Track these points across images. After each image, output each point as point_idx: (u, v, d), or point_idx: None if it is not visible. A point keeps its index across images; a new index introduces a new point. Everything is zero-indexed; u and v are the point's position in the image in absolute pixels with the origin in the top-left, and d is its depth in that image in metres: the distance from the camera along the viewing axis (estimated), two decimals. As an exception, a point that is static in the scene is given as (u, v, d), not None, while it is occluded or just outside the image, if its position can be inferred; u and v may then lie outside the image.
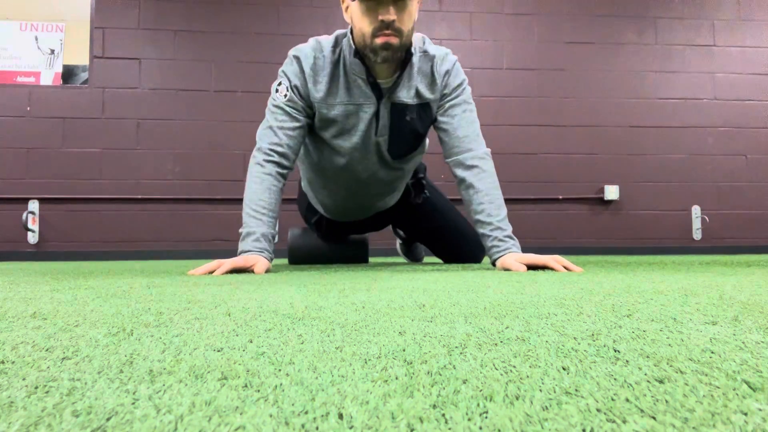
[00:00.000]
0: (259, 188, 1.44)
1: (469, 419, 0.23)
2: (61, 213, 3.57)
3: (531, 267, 1.42)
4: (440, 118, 1.58)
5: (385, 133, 1.57)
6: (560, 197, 3.85)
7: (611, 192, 3.85)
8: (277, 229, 1.47)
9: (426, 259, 2.84)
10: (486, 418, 0.23)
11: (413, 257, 2.54)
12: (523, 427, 0.22)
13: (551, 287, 0.88)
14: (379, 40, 1.38)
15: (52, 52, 3.72)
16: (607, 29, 4.01)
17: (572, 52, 3.97)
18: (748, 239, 3.96)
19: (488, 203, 1.50)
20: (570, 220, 3.88)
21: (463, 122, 1.56)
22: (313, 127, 1.57)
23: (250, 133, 3.77)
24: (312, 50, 1.49)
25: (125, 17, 3.71)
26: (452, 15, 3.93)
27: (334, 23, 3.83)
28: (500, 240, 1.47)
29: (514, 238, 1.51)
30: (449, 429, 0.22)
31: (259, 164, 1.47)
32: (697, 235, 3.93)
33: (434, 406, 0.25)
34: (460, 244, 1.98)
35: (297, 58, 1.49)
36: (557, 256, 1.44)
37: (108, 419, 0.24)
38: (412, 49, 1.49)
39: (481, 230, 1.50)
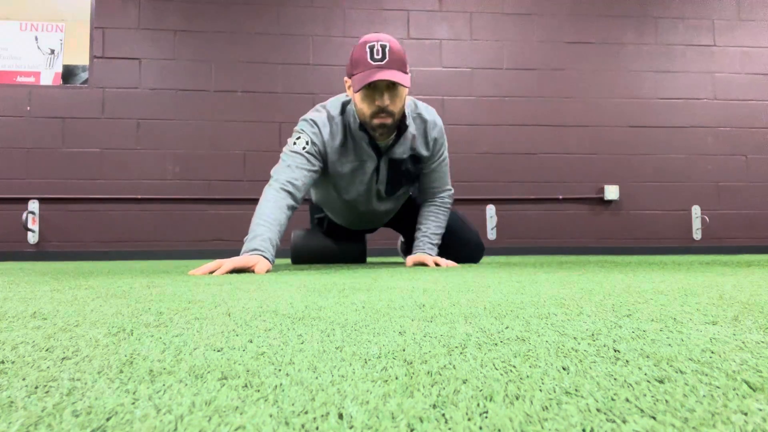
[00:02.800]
0: (271, 206, 1.57)
1: (469, 419, 0.23)
2: (61, 213, 3.56)
3: (419, 263, 1.81)
4: (425, 171, 1.92)
5: (383, 182, 1.88)
6: (560, 197, 3.85)
7: (611, 192, 3.85)
8: (280, 242, 1.58)
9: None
10: (486, 418, 0.23)
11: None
12: (523, 427, 0.22)
13: (551, 287, 0.88)
14: (376, 121, 1.67)
15: (52, 52, 3.72)
16: (607, 29, 4.01)
17: (572, 52, 3.97)
18: (748, 239, 3.96)
19: (431, 222, 1.91)
20: (570, 220, 3.88)
21: (438, 175, 1.92)
22: (325, 171, 1.83)
23: (250, 133, 3.78)
24: (327, 120, 1.75)
25: (125, 17, 3.71)
26: (452, 15, 3.93)
27: (333, 23, 3.83)
28: (423, 244, 1.89)
29: (436, 247, 1.91)
30: (449, 429, 0.22)
31: (274, 189, 1.62)
32: (697, 235, 3.93)
33: (434, 406, 0.25)
34: (456, 245, 2.07)
35: (316, 124, 1.74)
36: (438, 258, 1.80)
37: (108, 419, 0.24)
38: (406, 119, 1.77)
39: (416, 234, 1.92)
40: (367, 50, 1.59)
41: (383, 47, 1.59)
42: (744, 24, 4.09)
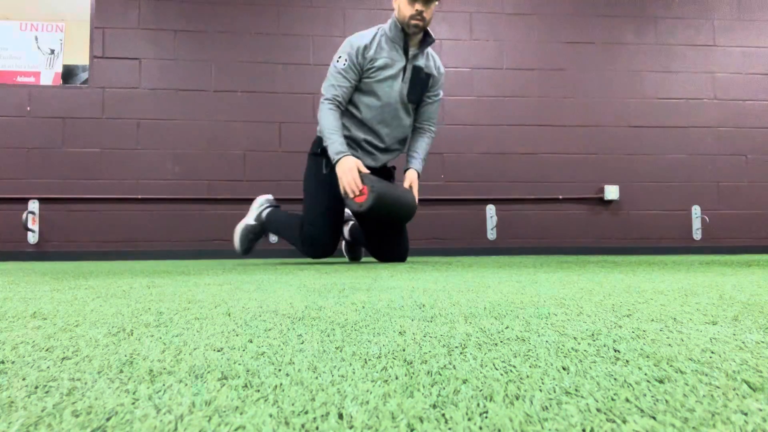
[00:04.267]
0: (332, 118, 2.30)
1: (469, 419, 0.23)
2: (61, 213, 3.56)
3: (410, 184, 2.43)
4: (425, 99, 2.52)
5: (407, 82, 2.41)
6: (560, 197, 3.85)
7: (611, 192, 3.85)
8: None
9: (417, 259, 2.84)
10: (486, 418, 0.23)
11: (355, 256, 2.90)
12: (523, 427, 0.22)
13: (551, 287, 0.88)
14: (413, 21, 2.29)
15: (52, 52, 3.72)
16: (607, 29, 4.00)
17: (572, 52, 3.97)
18: (748, 239, 3.96)
19: (421, 146, 2.53)
20: (570, 220, 3.88)
21: (432, 108, 2.56)
22: (359, 84, 2.39)
23: (250, 133, 3.78)
24: (371, 33, 2.39)
25: (125, 17, 3.71)
26: (452, 15, 3.93)
27: (333, 23, 3.83)
28: (415, 160, 2.48)
29: (423, 162, 2.51)
30: (449, 429, 0.22)
31: (327, 108, 2.32)
32: (697, 235, 3.93)
33: (434, 406, 0.25)
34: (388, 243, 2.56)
35: (355, 43, 2.33)
36: (415, 187, 2.41)
37: (108, 419, 0.24)
38: (430, 39, 2.40)
39: (410, 152, 2.52)
40: None
41: None
42: (744, 24, 4.09)
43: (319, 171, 2.43)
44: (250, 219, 2.62)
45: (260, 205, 2.64)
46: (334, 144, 2.26)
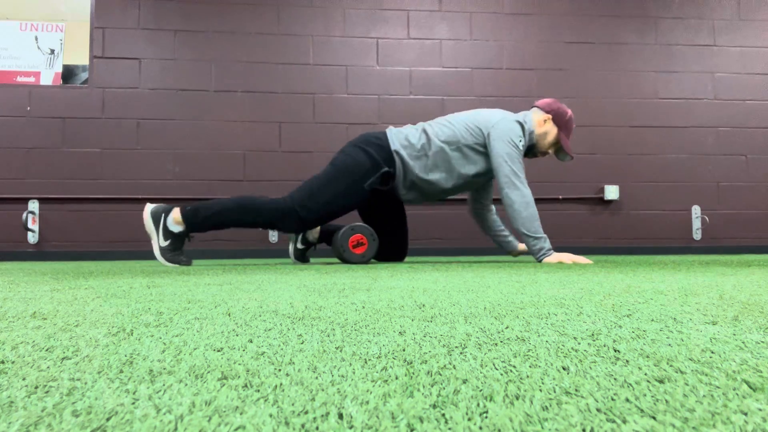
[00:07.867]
0: (534, 206, 2.21)
1: (469, 419, 0.23)
2: (61, 213, 3.56)
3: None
4: None
5: None
6: (560, 197, 3.85)
7: (611, 192, 3.85)
8: None
9: (417, 259, 2.84)
10: (486, 418, 0.23)
11: (305, 259, 2.62)
12: (523, 427, 0.22)
13: (551, 287, 0.88)
14: (540, 155, 2.43)
15: (52, 52, 3.72)
16: (607, 29, 4.00)
17: (572, 52, 3.97)
18: (748, 239, 3.96)
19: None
20: (570, 220, 3.88)
21: None
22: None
23: (250, 133, 3.78)
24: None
25: (125, 17, 3.71)
26: (452, 15, 3.93)
27: (333, 23, 3.83)
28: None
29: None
30: (449, 429, 0.22)
31: (527, 188, 2.23)
32: (697, 235, 3.93)
33: (434, 406, 0.25)
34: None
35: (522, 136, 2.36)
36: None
37: (108, 419, 0.24)
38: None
39: (508, 232, 2.73)
40: (573, 127, 2.43)
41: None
42: (744, 24, 4.09)
43: (364, 179, 2.24)
44: (161, 241, 2.23)
45: (157, 219, 2.21)
46: (545, 240, 2.20)
